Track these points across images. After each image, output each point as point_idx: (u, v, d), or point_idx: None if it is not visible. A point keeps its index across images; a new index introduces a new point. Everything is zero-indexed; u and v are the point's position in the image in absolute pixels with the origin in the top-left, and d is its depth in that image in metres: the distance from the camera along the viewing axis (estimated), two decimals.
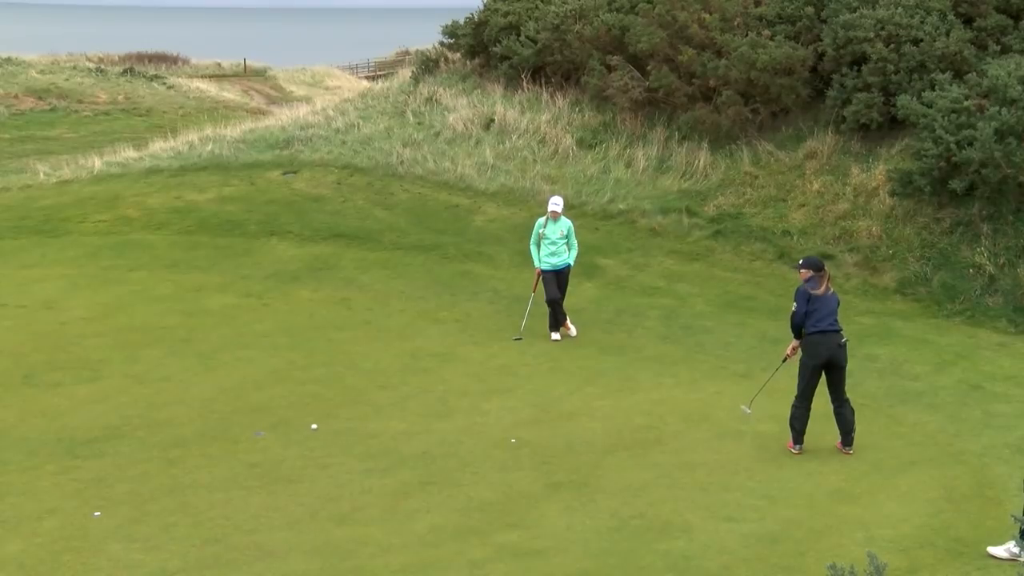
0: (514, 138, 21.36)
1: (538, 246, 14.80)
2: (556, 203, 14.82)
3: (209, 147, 23.16)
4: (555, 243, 14.68)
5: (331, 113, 24.41)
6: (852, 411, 10.95)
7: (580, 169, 20.15)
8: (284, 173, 21.47)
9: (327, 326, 15.15)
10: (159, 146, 24.27)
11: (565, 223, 14.84)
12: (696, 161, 19.40)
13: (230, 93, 49.32)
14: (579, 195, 19.19)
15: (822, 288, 10.84)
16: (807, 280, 10.90)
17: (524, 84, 22.56)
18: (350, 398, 12.56)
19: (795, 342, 10.96)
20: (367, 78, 57.67)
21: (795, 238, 17.32)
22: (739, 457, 10.85)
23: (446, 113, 22.63)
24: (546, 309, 14.75)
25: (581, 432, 11.51)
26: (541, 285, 14.81)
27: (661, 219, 18.44)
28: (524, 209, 19.03)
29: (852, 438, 10.94)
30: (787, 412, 11.02)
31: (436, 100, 23.38)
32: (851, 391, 12.57)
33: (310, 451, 10.97)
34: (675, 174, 19.44)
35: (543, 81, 22.43)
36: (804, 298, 10.81)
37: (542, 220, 14.88)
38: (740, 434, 11.42)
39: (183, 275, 17.48)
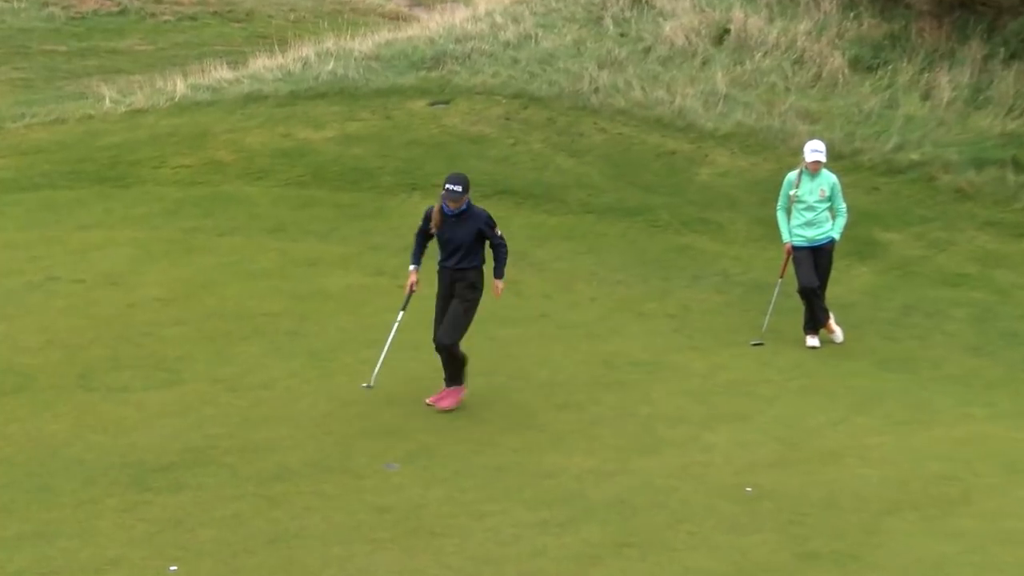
0: (757, 57, 21.17)
1: (788, 212, 14.65)
2: (816, 151, 14.63)
3: (330, 66, 23.71)
4: (812, 208, 14.54)
5: (498, 19, 24.64)
6: None
7: (853, 102, 19.84)
8: (432, 103, 21.80)
9: (487, 318, 15.26)
10: (262, 64, 24.96)
11: (828, 180, 14.65)
12: None
13: None
14: (851, 140, 18.91)
15: None
16: None
17: None
18: (517, 421, 12.67)
19: None
20: None
21: None
22: None
23: (661, 20, 22.59)
24: (798, 302, 14.60)
25: (849, 481, 11.37)
26: (791, 267, 14.67)
27: (974, 176, 18.14)
28: (770, 159, 18.86)
29: None
30: None
31: (647, 1, 23.34)
32: None
33: (461, 493, 11.12)
34: (997, 110, 19.10)
35: None
36: None
37: (793, 176, 14.74)
38: None
39: (292, 243, 17.93)
